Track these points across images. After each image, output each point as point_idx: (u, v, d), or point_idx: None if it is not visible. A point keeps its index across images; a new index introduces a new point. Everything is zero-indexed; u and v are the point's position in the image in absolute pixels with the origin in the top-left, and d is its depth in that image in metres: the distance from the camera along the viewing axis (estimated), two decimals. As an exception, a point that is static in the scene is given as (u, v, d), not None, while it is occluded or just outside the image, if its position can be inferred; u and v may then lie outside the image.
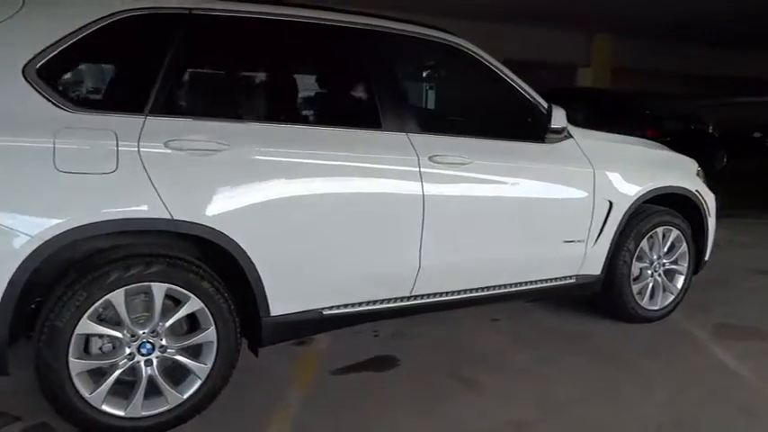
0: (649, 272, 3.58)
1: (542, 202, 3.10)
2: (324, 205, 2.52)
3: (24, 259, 2.01)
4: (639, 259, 3.51)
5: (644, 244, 3.48)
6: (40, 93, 2.07)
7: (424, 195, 2.69)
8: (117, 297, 2.16)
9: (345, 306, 2.65)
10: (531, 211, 3.05)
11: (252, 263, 2.37)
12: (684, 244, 3.65)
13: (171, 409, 2.30)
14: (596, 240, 3.28)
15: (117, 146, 2.12)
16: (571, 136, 3.21)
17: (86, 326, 2.13)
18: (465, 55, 2.96)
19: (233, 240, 2.32)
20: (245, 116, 2.60)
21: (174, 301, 2.31)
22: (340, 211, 2.55)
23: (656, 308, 3.61)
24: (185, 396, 2.33)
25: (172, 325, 2.31)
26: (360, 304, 2.68)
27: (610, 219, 3.28)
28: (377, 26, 2.70)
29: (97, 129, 2.12)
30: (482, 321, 3.59)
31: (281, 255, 2.45)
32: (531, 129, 3.10)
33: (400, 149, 2.67)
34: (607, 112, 8.91)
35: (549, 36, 12.98)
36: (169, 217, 2.19)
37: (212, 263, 2.36)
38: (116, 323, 2.21)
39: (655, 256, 3.58)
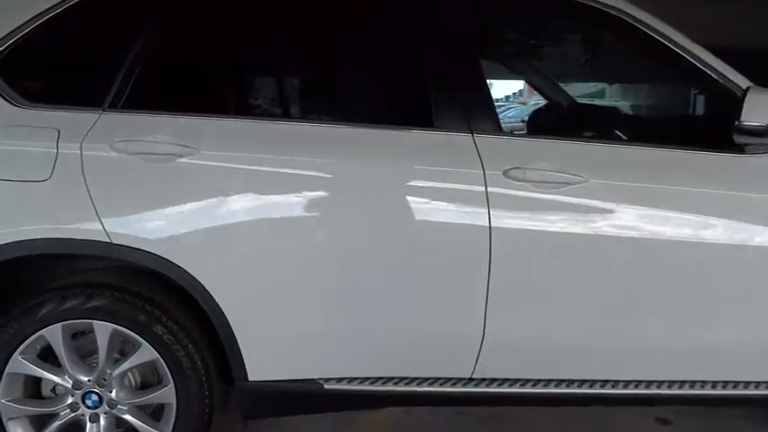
0: None
1: (724, 254, 1.83)
2: (329, 235, 1.79)
3: None
4: None
5: None
6: None
7: (490, 228, 1.75)
8: (53, 333, 1.77)
9: (360, 381, 1.85)
10: (697, 269, 1.83)
11: (218, 307, 1.76)
12: None
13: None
14: None
15: (57, 147, 1.72)
16: (800, 142, 1.85)
17: (19, 365, 1.78)
18: (595, 12, 1.87)
19: (189, 274, 1.73)
20: (225, 110, 1.98)
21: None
22: (354, 244, 1.79)
23: None
24: (138, 470, 1.84)
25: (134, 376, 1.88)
26: (382, 381, 1.86)
27: None
28: None
29: (37, 126, 1.74)
30: (637, 417, 2.39)
31: (263, 300, 1.79)
32: (716, 129, 1.86)
33: (458, 159, 1.77)
34: None
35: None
36: (106, 240, 1.71)
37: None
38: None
39: None
